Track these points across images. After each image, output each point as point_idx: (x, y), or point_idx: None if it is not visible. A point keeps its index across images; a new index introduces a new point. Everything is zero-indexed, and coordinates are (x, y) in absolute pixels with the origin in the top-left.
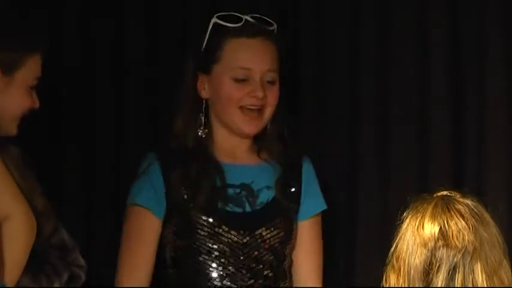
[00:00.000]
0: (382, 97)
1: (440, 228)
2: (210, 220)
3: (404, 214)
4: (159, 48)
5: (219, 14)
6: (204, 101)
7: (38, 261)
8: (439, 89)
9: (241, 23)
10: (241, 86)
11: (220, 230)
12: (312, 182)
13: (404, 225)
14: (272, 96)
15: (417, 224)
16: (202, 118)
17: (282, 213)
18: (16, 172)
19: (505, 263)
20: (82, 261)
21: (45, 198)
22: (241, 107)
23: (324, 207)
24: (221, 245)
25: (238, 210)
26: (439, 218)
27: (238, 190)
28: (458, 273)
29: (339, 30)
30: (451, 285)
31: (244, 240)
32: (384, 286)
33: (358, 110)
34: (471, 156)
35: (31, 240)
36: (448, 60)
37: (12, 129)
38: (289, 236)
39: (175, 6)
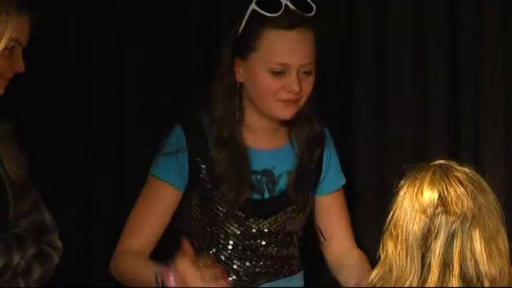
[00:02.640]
0: (380, 70)
1: (440, 194)
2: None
3: (402, 182)
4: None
5: (257, 0)
6: (238, 84)
7: (5, 232)
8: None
9: (280, 12)
10: (277, 79)
11: (238, 216)
12: (333, 157)
13: (402, 193)
14: (307, 87)
15: (415, 191)
16: (237, 101)
17: (299, 198)
18: (6, 154)
19: (502, 230)
20: (59, 244)
21: (25, 177)
22: (281, 99)
23: (343, 181)
24: (237, 229)
25: (257, 197)
26: (438, 185)
27: (260, 176)
28: (457, 239)
29: (337, 27)
30: (449, 252)
31: (260, 226)
32: (381, 253)
33: (355, 82)
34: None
35: None
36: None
37: None
38: (304, 216)
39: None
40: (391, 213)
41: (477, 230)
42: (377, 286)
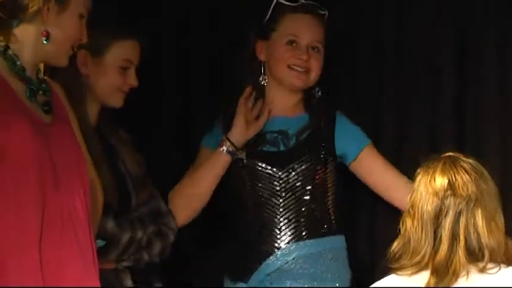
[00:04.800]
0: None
1: (449, 181)
2: (252, 159)
3: (418, 170)
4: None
5: None
6: (262, 63)
7: (129, 215)
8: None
9: (298, 3)
10: (290, 49)
11: (259, 167)
12: (347, 125)
13: (418, 179)
14: (315, 61)
15: (429, 178)
16: (261, 75)
17: (313, 151)
18: (128, 156)
19: (499, 210)
20: (173, 225)
21: (143, 173)
22: (289, 66)
23: (367, 141)
24: (261, 179)
25: (274, 149)
26: (447, 173)
27: (275, 135)
28: (463, 217)
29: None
30: (457, 227)
31: (279, 174)
32: (401, 228)
33: (381, 80)
34: (471, 125)
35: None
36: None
37: (114, 102)
38: (326, 176)
39: None
40: (410, 195)
41: (479, 210)
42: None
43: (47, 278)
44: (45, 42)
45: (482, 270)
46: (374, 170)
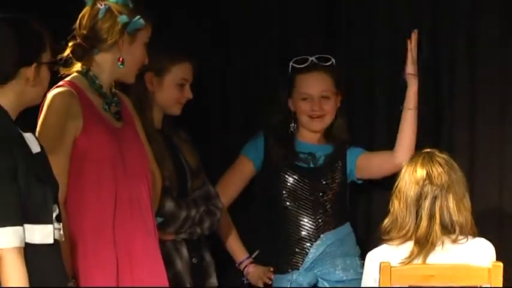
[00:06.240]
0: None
1: (427, 172)
2: (289, 171)
3: (403, 163)
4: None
5: (295, 59)
6: (292, 113)
7: (186, 198)
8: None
9: (306, 64)
10: (305, 103)
11: (295, 177)
12: (352, 151)
13: (403, 170)
14: (328, 107)
15: (412, 169)
16: (292, 124)
17: (332, 171)
18: (187, 151)
19: (467, 195)
20: (220, 205)
21: (198, 164)
22: (308, 115)
23: (363, 150)
24: (293, 186)
25: (305, 165)
26: (426, 166)
27: (306, 155)
28: (438, 200)
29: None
30: (433, 209)
31: (309, 183)
32: (390, 208)
33: (373, 89)
34: (446, 128)
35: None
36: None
37: (174, 111)
38: (340, 187)
39: None
40: (397, 183)
41: (451, 195)
42: (387, 230)
43: (119, 245)
44: (120, 66)
45: (454, 241)
46: (372, 160)
